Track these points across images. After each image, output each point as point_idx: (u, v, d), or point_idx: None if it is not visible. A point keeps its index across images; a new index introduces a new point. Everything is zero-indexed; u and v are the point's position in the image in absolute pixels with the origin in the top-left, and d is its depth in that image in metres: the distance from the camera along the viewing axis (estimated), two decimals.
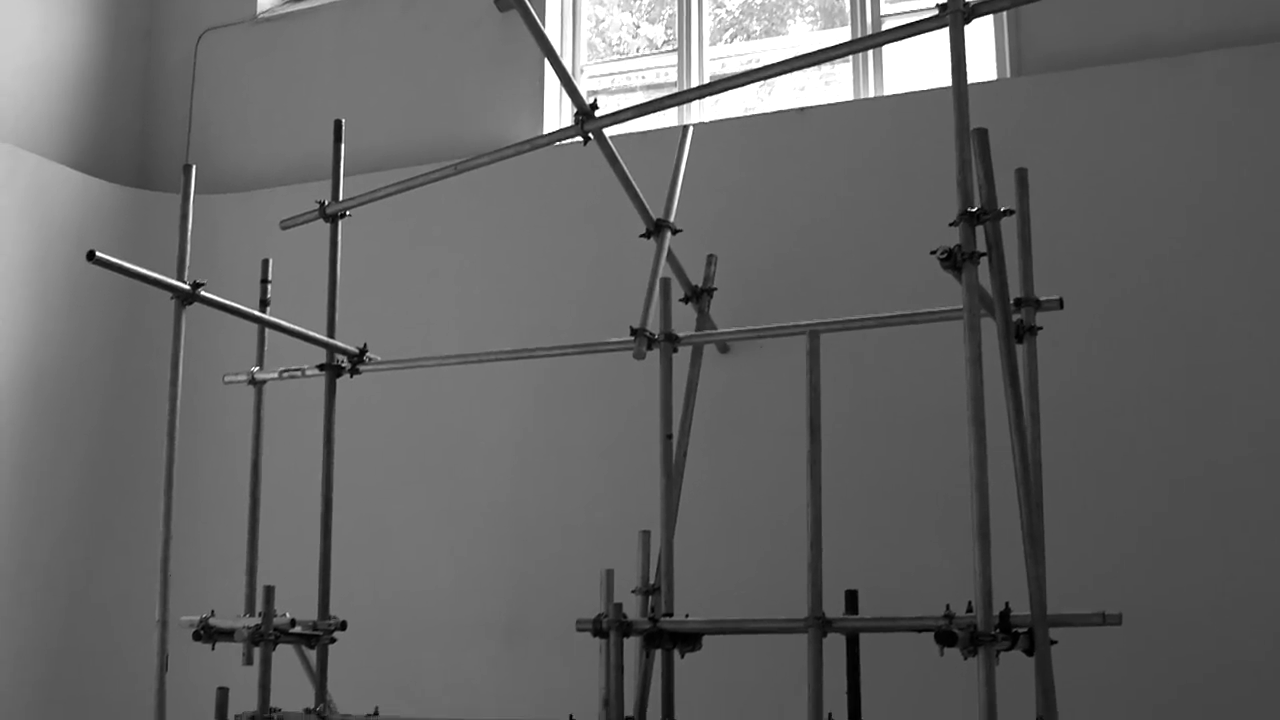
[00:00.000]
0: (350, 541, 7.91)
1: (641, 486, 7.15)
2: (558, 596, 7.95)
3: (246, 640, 6.83)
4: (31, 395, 9.12)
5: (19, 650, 8.89)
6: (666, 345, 6.49)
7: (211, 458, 9.01)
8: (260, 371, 7.55)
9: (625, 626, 5.94)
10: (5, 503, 8.91)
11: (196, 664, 7.32)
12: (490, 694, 8.21)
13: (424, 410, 8.91)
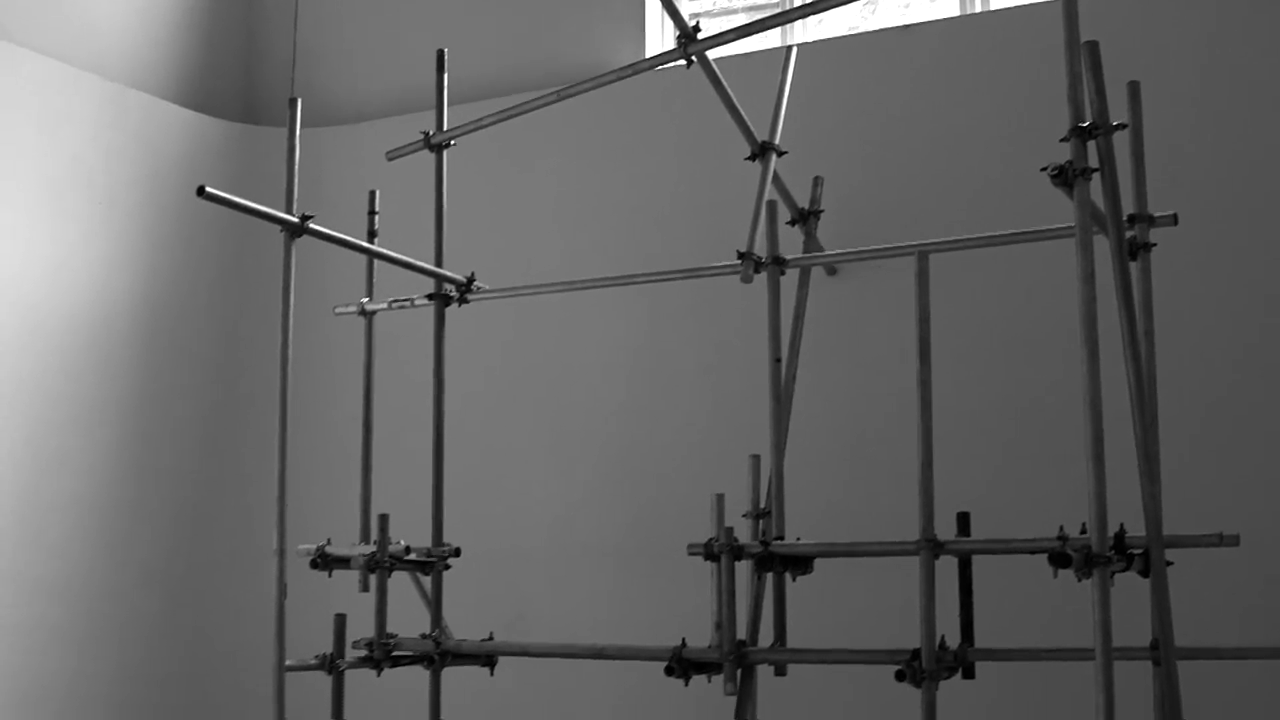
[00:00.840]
0: (462, 469, 7.98)
1: (750, 411, 7.14)
2: (668, 521, 7.98)
3: (362, 568, 6.93)
4: (146, 332, 9.27)
5: (141, 581, 9.09)
6: (774, 269, 6.45)
7: (324, 388, 9.11)
8: (370, 302, 7.61)
9: (736, 550, 5.94)
10: (125, 437, 9.08)
11: (314, 592, 7.44)
12: (602, 619, 8.27)
13: (532, 338, 8.94)
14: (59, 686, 8.56)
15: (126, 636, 8.97)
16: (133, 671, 8.98)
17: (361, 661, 7.00)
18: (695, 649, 5.98)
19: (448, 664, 7.17)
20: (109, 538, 8.93)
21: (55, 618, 8.58)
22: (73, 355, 8.81)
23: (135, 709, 8.96)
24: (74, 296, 8.84)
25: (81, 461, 8.81)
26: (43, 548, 8.54)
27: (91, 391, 8.91)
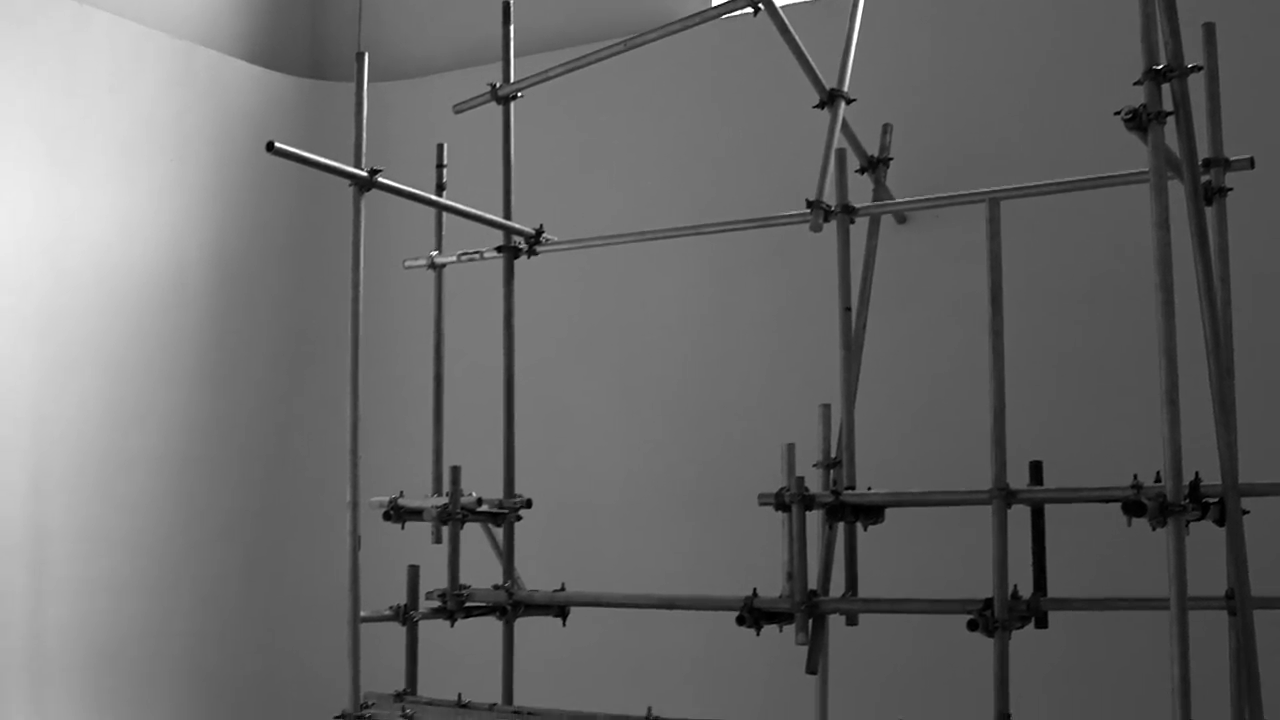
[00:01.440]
0: (533, 420, 8.01)
1: (820, 360, 7.11)
2: (739, 471, 7.98)
3: (435, 519, 6.98)
4: (218, 288, 9.35)
5: (217, 535, 9.19)
6: (843, 217, 6.40)
7: (395, 342, 9.16)
8: (439, 256, 7.63)
9: (807, 500, 5.94)
10: (199, 393, 9.17)
11: (387, 544, 7.50)
12: (673, 568, 8.29)
13: (601, 289, 8.94)
14: (136, 640, 8.69)
15: (203, 590, 9.09)
16: (209, 624, 9.10)
17: (435, 612, 7.06)
18: (767, 599, 5.99)
19: (520, 614, 7.22)
20: (185, 493, 9.03)
21: (133, 572, 8.71)
22: (146, 312, 8.90)
23: (211, 661, 9.09)
24: (146, 254, 8.92)
25: (157, 418, 8.91)
26: (120, 503, 8.66)
27: (165, 348, 9.00)
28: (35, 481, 8.23)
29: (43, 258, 8.35)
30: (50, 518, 8.30)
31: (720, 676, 8.12)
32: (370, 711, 6.40)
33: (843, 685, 6.83)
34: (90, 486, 8.51)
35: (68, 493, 8.40)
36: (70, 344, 8.45)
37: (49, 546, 8.29)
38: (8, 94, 8.22)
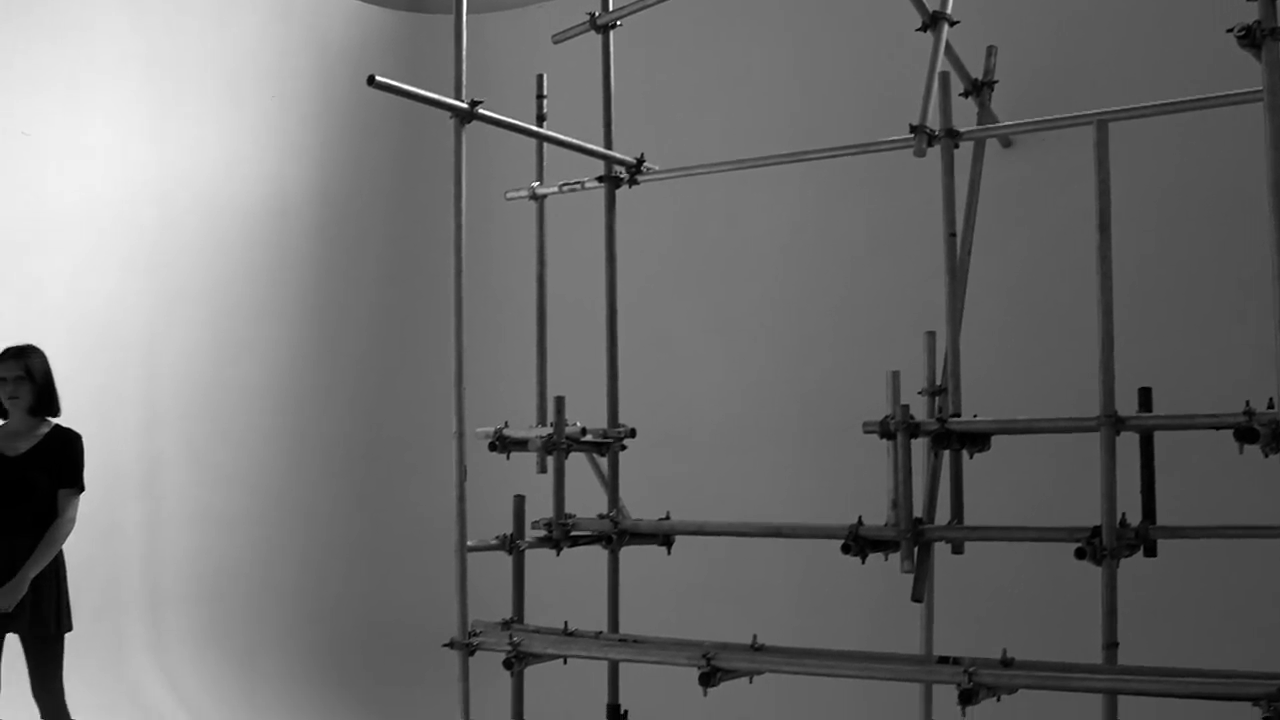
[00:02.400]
0: (636, 350, 8.01)
1: (925, 286, 7.05)
2: (843, 399, 7.94)
3: (540, 449, 7.01)
4: (321, 221, 9.43)
5: (323, 467, 9.32)
6: (947, 141, 6.31)
7: (497, 273, 9.19)
8: (540, 186, 7.62)
9: (912, 428, 5.89)
10: (303, 326, 9.27)
11: (493, 473, 7.55)
12: (777, 497, 8.29)
13: (703, 217, 8.91)
14: (247, 570, 8.85)
15: (309, 521, 9.22)
16: (317, 555, 9.24)
17: (541, 542, 7.11)
18: (872, 527, 5.97)
19: (625, 543, 7.25)
20: (292, 426, 9.16)
21: (243, 504, 8.85)
22: (251, 248, 9.00)
23: (319, 591, 9.23)
24: (251, 190, 9.02)
25: (262, 351, 9.03)
26: (228, 437, 8.80)
27: (271, 283, 9.10)
28: (148, 417, 8.37)
29: (149, 196, 8.46)
30: (162, 452, 8.45)
31: (825, 605, 8.13)
32: (478, 640, 6.47)
33: (948, 614, 6.82)
34: (200, 421, 8.65)
35: (179, 427, 8.54)
36: (178, 280, 8.57)
37: (162, 480, 8.44)
38: (115, 35, 8.31)
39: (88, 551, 7.57)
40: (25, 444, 6.28)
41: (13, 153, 7.79)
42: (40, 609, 6.13)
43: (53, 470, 6.26)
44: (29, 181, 7.84)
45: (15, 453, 6.25)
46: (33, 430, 6.32)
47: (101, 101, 8.28)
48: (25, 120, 7.85)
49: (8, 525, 6.17)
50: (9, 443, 6.26)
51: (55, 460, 6.29)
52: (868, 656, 5.94)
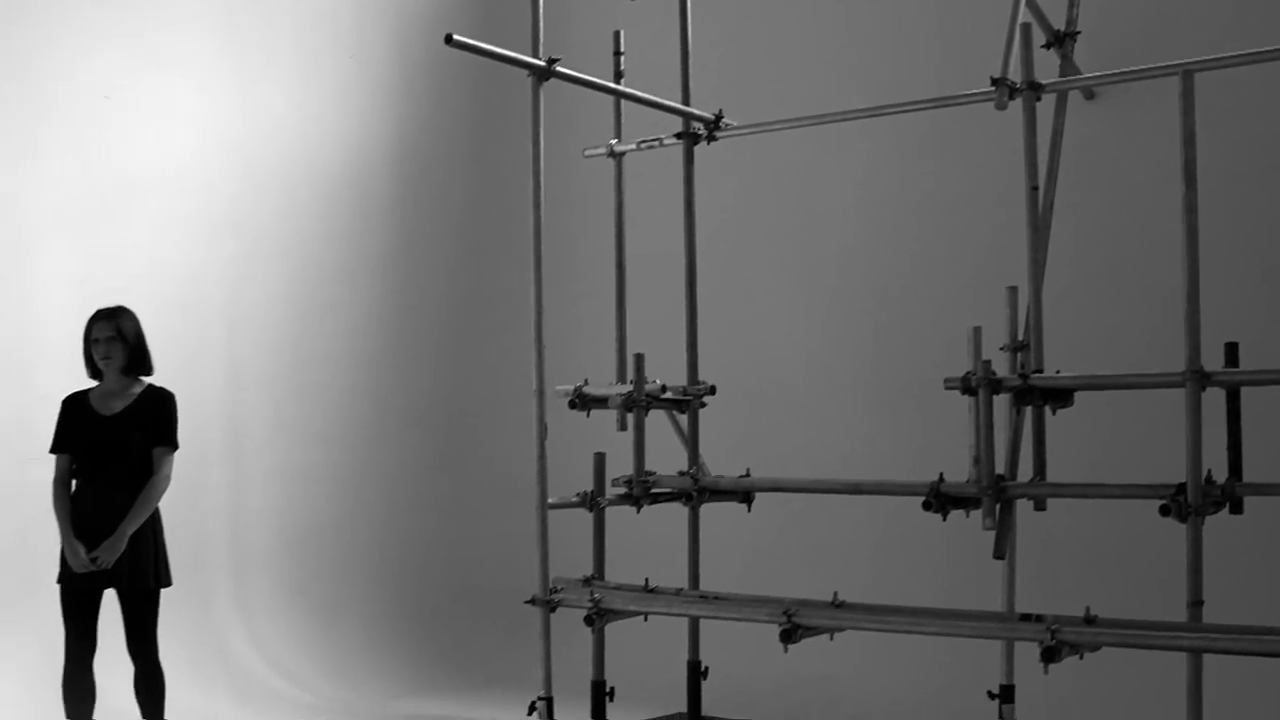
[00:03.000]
0: (715, 307, 8.00)
1: (1007, 241, 6.99)
2: (924, 355, 7.90)
3: (620, 407, 7.03)
4: (401, 181, 9.46)
5: (404, 425, 9.38)
6: (1029, 94, 6.24)
7: (577, 231, 9.18)
8: (618, 144, 7.61)
9: (994, 384, 5.86)
10: (384, 285, 9.32)
11: (573, 431, 7.58)
12: (857, 454, 8.27)
13: (781, 172, 8.87)
14: (329, 527, 8.93)
15: (391, 480, 9.29)
16: (398, 513, 9.31)
17: (621, 498, 7.14)
18: (953, 484, 5.95)
19: (705, 500, 7.27)
20: (372, 385, 9.22)
21: (324, 462, 8.93)
22: (331, 208, 9.05)
23: (400, 549, 9.31)
24: (330, 152, 9.06)
25: (343, 311, 9.09)
26: (311, 395, 8.87)
27: (350, 242, 9.15)
28: (230, 378, 8.46)
29: (230, 158, 8.52)
30: (246, 411, 8.54)
31: (905, 562, 8.11)
32: (559, 596, 6.51)
33: (1030, 571, 6.79)
34: (282, 380, 8.73)
35: (261, 388, 8.63)
36: (259, 241, 8.64)
37: (245, 438, 8.54)
38: None
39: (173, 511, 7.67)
40: (120, 403, 6.37)
41: (96, 116, 7.86)
42: (140, 564, 6.25)
43: (147, 429, 6.36)
44: (112, 145, 7.91)
45: (110, 412, 6.35)
46: (126, 390, 6.41)
47: (182, 64, 8.33)
48: (108, 84, 7.91)
49: (105, 483, 6.27)
50: (104, 402, 6.35)
51: (150, 419, 6.39)
52: (949, 614, 5.93)
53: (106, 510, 6.21)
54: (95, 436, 6.27)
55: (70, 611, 6.22)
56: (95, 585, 6.21)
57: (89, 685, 6.22)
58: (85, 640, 6.22)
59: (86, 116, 7.83)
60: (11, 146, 7.47)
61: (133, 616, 6.31)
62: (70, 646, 6.21)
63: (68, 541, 6.16)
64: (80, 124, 7.80)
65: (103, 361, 6.34)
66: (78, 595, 6.22)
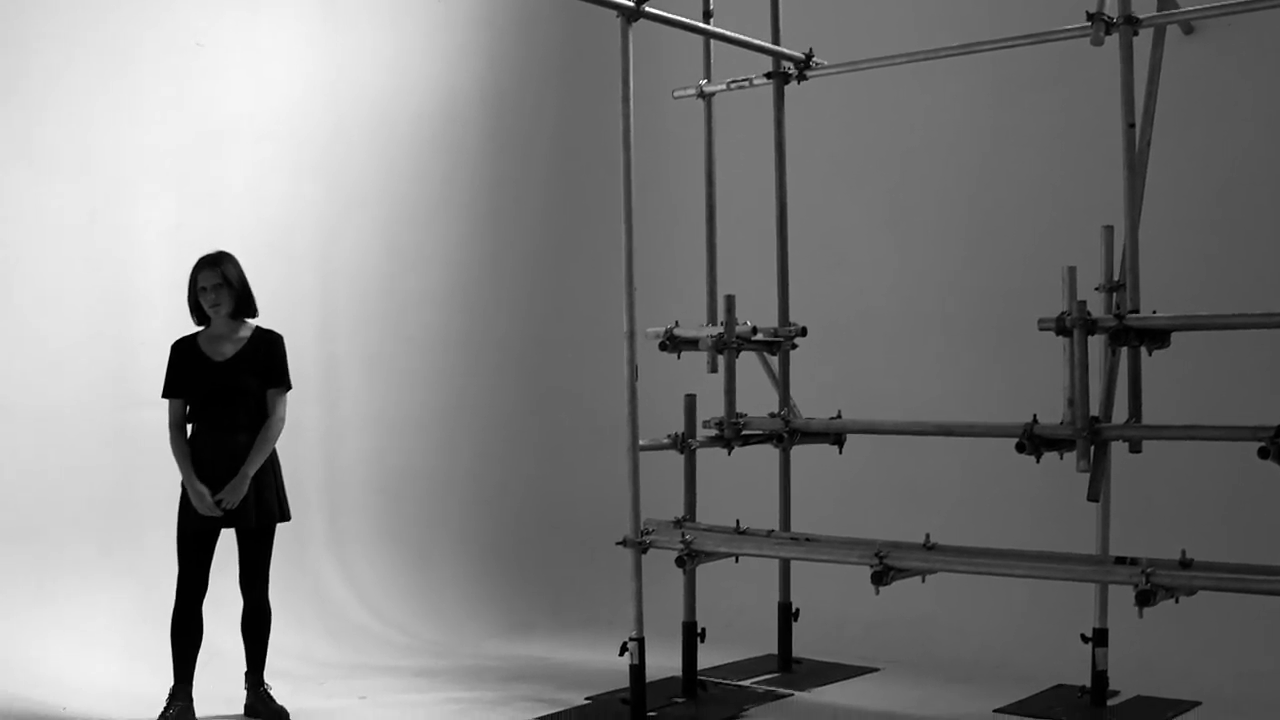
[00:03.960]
0: (806, 248, 7.96)
1: (1102, 179, 6.89)
2: (1017, 296, 7.83)
3: (710, 349, 7.03)
4: (490, 126, 9.46)
5: (496, 367, 9.42)
6: (1126, 29, 6.13)
7: (666, 172, 9.16)
8: (708, 84, 7.57)
9: (1089, 324, 5.78)
10: (475, 229, 9.35)
11: (664, 373, 7.59)
12: (951, 395, 8.21)
13: (873, 112, 8.79)
14: (422, 470, 9.00)
15: (483, 421, 9.35)
16: (490, 455, 9.37)
17: (712, 441, 7.13)
18: (1047, 426, 5.89)
19: (796, 442, 7.26)
20: (464, 327, 9.26)
21: (417, 405, 9.00)
22: (421, 152, 9.07)
23: (493, 491, 9.37)
24: (419, 94, 9.08)
25: (434, 254, 9.13)
26: (403, 339, 8.93)
27: (441, 185, 9.18)
28: (325, 321, 8.53)
29: (320, 104, 8.56)
30: (339, 355, 8.61)
31: (997, 504, 8.06)
32: (650, 538, 6.53)
33: (1124, 514, 6.72)
34: (375, 324, 8.79)
35: (355, 331, 8.69)
36: (350, 187, 8.68)
37: (339, 383, 8.61)
38: None
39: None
40: (231, 348, 6.47)
41: (188, 64, 7.92)
42: (263, 503, 6.41)
43: (260, 371, 6.47)
44: (205, 92, 7.97)
45: (222, 357, 6.45)
46: (235, 334, 6.50)
47: (273, 10, 8.36)
48: (200, 31, 7.97)
49: (224, 426, 6.39)
50: (214, 347, 6.45)
51: (262, 362, 6.49)
52: (1042, 556, 5.89)
53: (227, 454, 6.34)
54: (212, 382, 6.39)
55: (187, 554, 6.35)
56: (217, 527, 6.34)
57: (198, 627, 6.36)
58: (199, 583, 6.35)
59: (179, 64, 7.89)
60: (106, 96, 7.55)
61: (251, 555, 6.48)
62: (184, 589, 6.33)
63: (192, 485, 6.28)
64: (173, 72, 7.87)
65: (211, 308, 6.43)
66: (199, 538, 6.36)
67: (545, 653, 8.11)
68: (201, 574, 6.35)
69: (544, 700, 6.85)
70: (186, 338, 6.46)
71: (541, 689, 7.12)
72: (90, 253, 7.47)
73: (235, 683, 6.53)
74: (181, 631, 6.32)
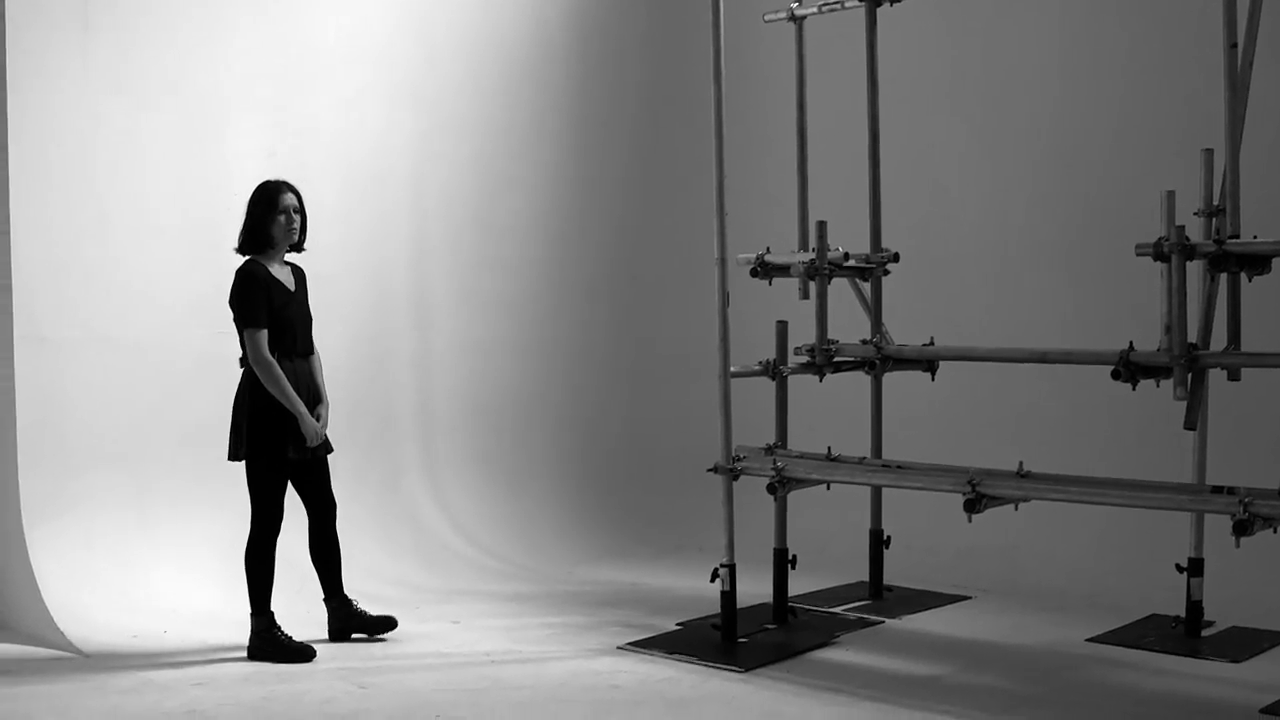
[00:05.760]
0: (898, 173, 7.89)
1: (1203, 101, 6.76)
2: (1114, 220, 7.72)
3: (802, 275, 6.99)
4: (580, 52, 9.43)
5: (586, 294, 9.43)
6: None
7: (757, 97, 9.09)
8: (799, 7, 7.49)
9: (1188, 250, 5.68)
10: (565, 155, 9.34)
11: (755, 299, 7.56)
12: (1045, 322, 8.13)
13: (966, 35, 8.66)
14: (511, 396, 9.06)
15: (574, 349, 9.37)
16: (582, 380, 9.40)
17: (803, 367, 7.12)
18: (1143, 352, 5.81)
19: (888, 369, 7.22)
20: (555, 253, 9.28)
21: (507, 332, 9.04)
22: (511, 79, 9.06)
23: (584, 417, 9.41)
24: (509, 22, 9.05)
25: (526, 182, 9.13)
26: (493, 265, 8.96)
27: (531, 113, 9.17)
28: (416, 249, 8.57)
29: (412, 33, 8.56)
30: (431, 283, 8.66)
31: (1092, 431, 7.98)
32: (741, 464, 6.54)
33: (1222, 443, 6.63)
34: (466, 252, 8.82)
35: (446, 258, 8.73)
36: (440, 115, 8.69)
37: (431, 311, 8.66)
38: None
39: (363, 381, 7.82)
40: (291, 277, 6.51)
41: None
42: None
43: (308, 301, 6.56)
44: (295, 24, 7.99)
45: (293, 286, 6.49)
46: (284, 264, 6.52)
47: None
48: None
49: (300, 353, 6.48)
50: (281, 275, 6.46)
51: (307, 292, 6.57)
52: (1137, 485, 5.83)
53: (305, 381, 6.41)
54: (291, 310, 6.42)
55: (278, 485, 6.44)
56: (315, 455, 6.44)
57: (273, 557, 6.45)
58: (281, 512, 6.42)
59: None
60: (198, 24, 7.59)
61: (324, 480, 6.58)
62: (273, 519, 6.43)
63: (303, 414, 6.34)
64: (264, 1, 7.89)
65: (288, 231, 6.41)
66: (295, 467, 6.43)
67: (636, 578, 8.15)
68: (281, 505, 6.43)
69: (635, 625, 6.90)
70: (259, 265, 6.41)
71: (632, 614, 7.17)
72: (183, 182, 7.54)
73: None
74: (264, 562, 6.38)
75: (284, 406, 6.28)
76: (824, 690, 5.77)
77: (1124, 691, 5.73)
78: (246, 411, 6.31)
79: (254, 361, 6.26)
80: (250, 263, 6.40)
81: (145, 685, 5.92)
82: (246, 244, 6.42)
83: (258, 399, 6.29)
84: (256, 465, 6.35)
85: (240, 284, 6.34)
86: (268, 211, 6.37)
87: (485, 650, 6.50)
